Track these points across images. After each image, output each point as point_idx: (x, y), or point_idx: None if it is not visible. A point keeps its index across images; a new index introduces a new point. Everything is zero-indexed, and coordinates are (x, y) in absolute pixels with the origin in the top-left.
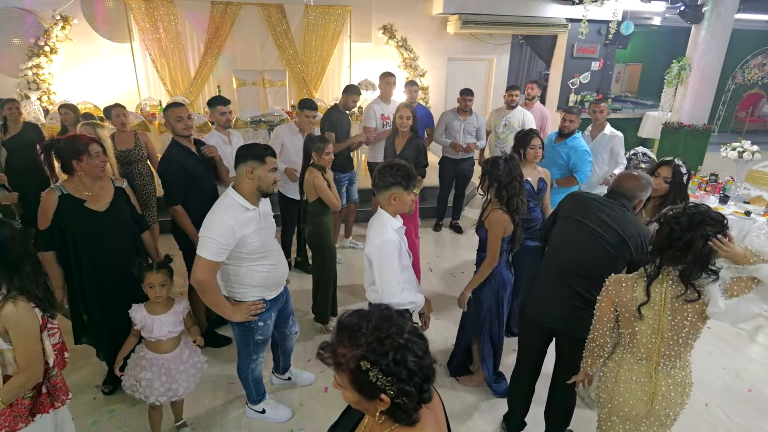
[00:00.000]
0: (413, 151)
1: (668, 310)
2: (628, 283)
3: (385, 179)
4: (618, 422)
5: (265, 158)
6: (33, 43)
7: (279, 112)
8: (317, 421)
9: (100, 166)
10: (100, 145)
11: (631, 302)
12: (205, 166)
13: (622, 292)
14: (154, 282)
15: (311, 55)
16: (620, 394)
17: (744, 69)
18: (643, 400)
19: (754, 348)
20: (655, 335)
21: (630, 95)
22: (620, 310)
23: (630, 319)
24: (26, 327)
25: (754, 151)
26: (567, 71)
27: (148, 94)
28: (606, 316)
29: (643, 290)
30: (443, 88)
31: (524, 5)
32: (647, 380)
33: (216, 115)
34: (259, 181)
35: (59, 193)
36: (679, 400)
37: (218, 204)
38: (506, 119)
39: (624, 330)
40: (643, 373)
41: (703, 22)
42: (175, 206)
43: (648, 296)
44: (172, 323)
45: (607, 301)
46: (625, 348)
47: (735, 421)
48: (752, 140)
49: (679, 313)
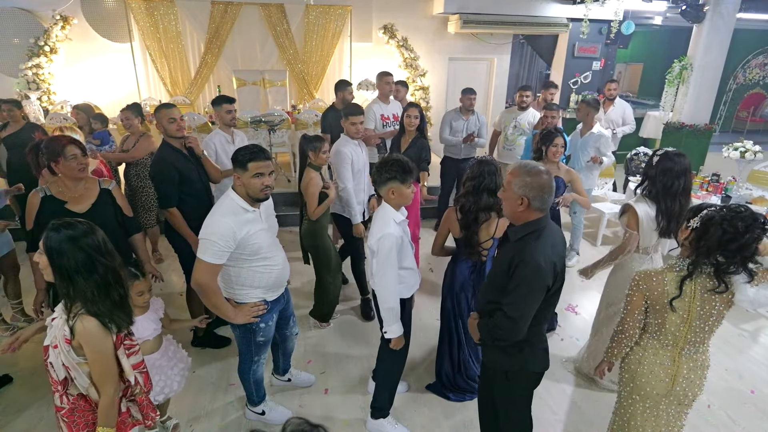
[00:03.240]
0: (416, 150)
1: (698, 300)
2: (658, 278)
3: (381, 175)
4: (639, 400)
5: (246, 164)
6: (33, 43)
7: (279, 112)
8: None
9: (77, 167)
10: (80, 147)
11: (662, 296)
12: (197, 168)
13: (653, 286)
14: (143, 289)
15: (312, 55)
16: (643, 374)
17: (745, 69)
18: (665, 381)
19: (756, 349)
20: (684, 324)
21: (631, 95)
22: (650, 303)
23: (660, 311)
24: (95, 344)
25: (756, 152)
26: (568, 71)
27: (148, 94)
28: (638, 309)
29: (675, 285)
30: (444, 88)
31: (525, 5)
32: (670, 363)
33: (222, 114)
34: (245, 188)
35: (42, 195)
36: (698, 382)
37: (218, 205)
38: (516, 121)
39: (652, 320)
40: (667, 357)
41: (705, 22)
42: (170, 209)
43: (681, 292)
44: (153, 320)
45: (639, 295)
46: (652, 335)
47: (738, 422)
48: (754, 140)
49: (707, 303)
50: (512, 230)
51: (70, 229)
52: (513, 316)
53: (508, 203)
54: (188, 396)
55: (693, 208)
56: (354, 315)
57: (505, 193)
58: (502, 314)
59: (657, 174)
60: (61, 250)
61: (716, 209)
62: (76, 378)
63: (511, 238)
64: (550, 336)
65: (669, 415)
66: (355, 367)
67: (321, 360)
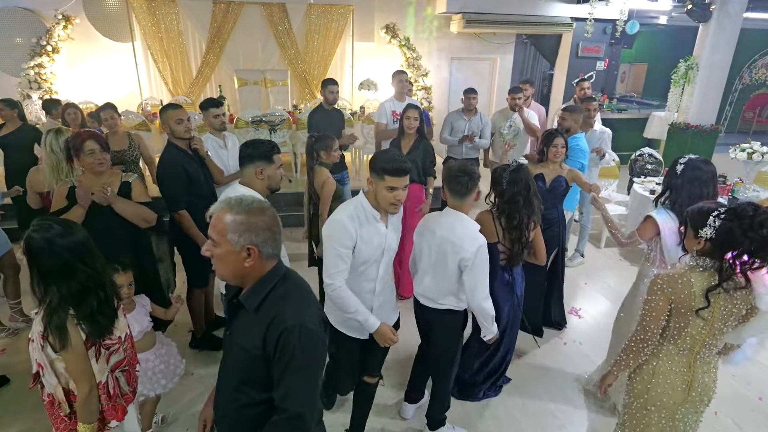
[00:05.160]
0: (421, 153)
1: (721, 300)
2: (683, 279)
3: None
4: (653, 411)
5: (272, 157)
6: (35, 43)
7: (280, 112)
8: None
9: (95, 162)
10: (99, 142)
11: (688, 298)
12: (202, 169)
13: (678, 288)
14: (122, 283)
15: (313, 55)
16: (658, 385)
17: (751, 69)
18: (681, 388)
19: (764, 355)
20: (706, 326)
21: (635, 95)
22: (675, 306)
23: (685, 314)
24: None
25: (763, 153)
26: (572, 71)
27: (149, 93)
28: (663, 314)
29: (700, 286)
30: (446, 88)
31: (529, 4)
32: (686, 370)
33: (210, 119)
34: (269, 180)
35: (70, 185)
36: (712, 385)
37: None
38: (511, 120)
39: (673, 324)
40: (683, 363)
41: (711, 21)
42: (179, 211)
43: (709, 303)
44: (142, 317)
45: (664, 299)
46: (669, 340)
47: (745, 430)
48: (760, 141)
49: (729, 302)
50: (247, 296)
51: (47, 231)
52: (298, 411)
53: (226, 262)
54: (185, 398)
55: (694, 212)
56: None
57: (217, 249)
58: (280, 415)
59: (684, 183)
60: (39, 252)
61: (727, 217)
62: (45, 376)
63: (248, 307)
64: (556, 336)
65: (686, 425)
66: None
67: None
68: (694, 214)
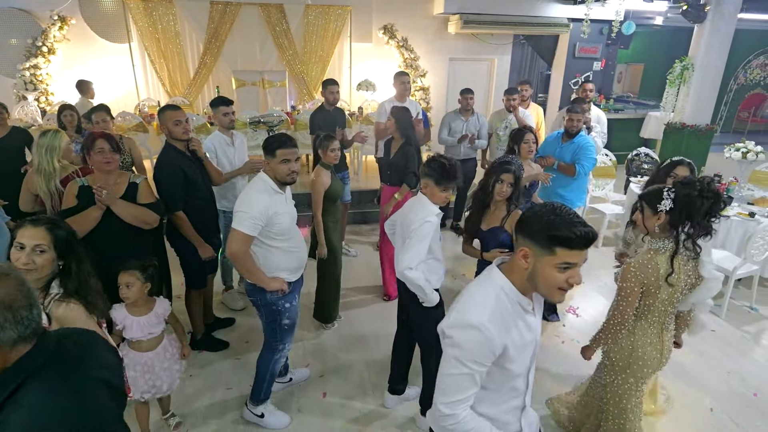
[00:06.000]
0: (401, 159)
1: (683, 270)
2: (652, 263)
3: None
4: (633, 383)
5: (275, 151)
6: (30, 44)
7: (278, 113)
8: (315, 428)
9: (102, 161)
10: (109, 142)
11: (657, 279)
12: (200, 170)
13: (648, 273)
14: (120, 282)
15: (311, 56)
16: (639, 358)
17: (746, 69)
18: (657, 357)
19: (758, 351)
20: (669, 298)
21: (632, 95)
22: (645, 288)
23: (654, 293)
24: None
25: (758, 152)
26: (569, 71)
27: (146, 94)
28: (637, 298)
29: (666, 263)
30: (444, 89)
31: (526, 5)
32: (657, 339)
33: (219, 116)
34: (274, 173)
35: (80, 184)
36: (669, 345)
37: (252, 185)
38: (507, 121)
39: (642, 303)
40: (654, 334)
41: (706, 22)
42: (176, 212)
43: (673, 268)
44: (152, 324)
45: (637, 284)
46: (640, 317)
47: (740, 426)
48: (755, 141)
49: (685, 273)
50: None
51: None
52: None
53: None
54: (185, 398)
55: (647, 194)
56: (347, 318)
57: None
58: None
59: None
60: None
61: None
62: None
63: None
64: (554, 335)
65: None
66: (354, 369)
67: (319, 363)
68: (648, 195)
